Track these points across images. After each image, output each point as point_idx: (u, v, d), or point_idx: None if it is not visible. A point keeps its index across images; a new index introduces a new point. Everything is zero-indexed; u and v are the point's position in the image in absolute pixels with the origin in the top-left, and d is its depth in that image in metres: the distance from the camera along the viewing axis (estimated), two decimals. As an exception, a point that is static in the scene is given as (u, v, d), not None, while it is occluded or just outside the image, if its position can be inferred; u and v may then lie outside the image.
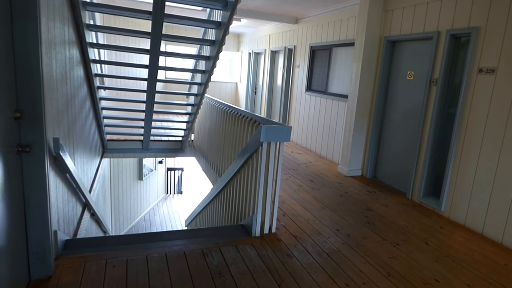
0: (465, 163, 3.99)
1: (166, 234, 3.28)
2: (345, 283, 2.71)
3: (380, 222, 3.92)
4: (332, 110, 6.66)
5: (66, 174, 2.96)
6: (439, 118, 4.37)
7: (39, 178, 2.23)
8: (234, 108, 4.53)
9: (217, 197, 4.84)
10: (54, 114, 2.63)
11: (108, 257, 2.78)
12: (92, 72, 4.32)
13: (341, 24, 6.37)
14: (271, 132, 3.14)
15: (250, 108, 10.96)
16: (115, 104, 6.35)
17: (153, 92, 4.70)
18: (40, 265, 2.39)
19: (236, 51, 12.16)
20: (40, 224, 2.30)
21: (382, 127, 5.47)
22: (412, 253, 3.26)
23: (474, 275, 2.96)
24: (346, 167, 5.71)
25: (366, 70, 5.40)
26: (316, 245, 3.28)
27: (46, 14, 2.40)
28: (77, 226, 3.50)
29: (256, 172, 3.31)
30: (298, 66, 7.97)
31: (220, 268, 2.76)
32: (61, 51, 2.94)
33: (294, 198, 4.50)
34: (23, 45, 2.08)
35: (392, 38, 5.11)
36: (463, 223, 4.01)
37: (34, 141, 2.18)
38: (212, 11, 4.52)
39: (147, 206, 11.12)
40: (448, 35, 4.17)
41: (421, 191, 4.57)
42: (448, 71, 4.26)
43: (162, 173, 12.56)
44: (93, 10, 3.90)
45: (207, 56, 4.62)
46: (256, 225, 3.34)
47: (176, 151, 6.98)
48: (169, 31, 10.47)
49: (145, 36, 3.94)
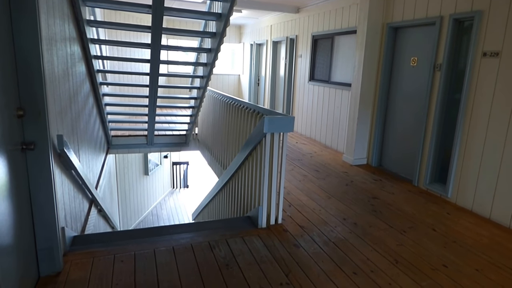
0: (471, 148, 3.96)
1: (173, 228, 3.29)
2: (353, 271, 2.71)
3: (386, 210, 3.91)
4: (335, 99, 6.63)
5: (71, 170, 2.97)
6: (444, 104, 4.33)
7: (44, 175, 2.24)
8: (237, 100, 4.52)
9: (223, 189, 4.85)
10: (57, 111, 2.63)
11: (116, 252, 2.80)
12: (94, 68, 4.32)
13: (342, 12, 6.30)
14: (274, 123, 3.13)
15: (253, 100, 10.93)
16: (118, 99, 6.37)
17: (155, 87, 4.69)
18: (49, 262, 2.41)
19: (238, 43, 12.10)
20: (47, 221, 2.32)
21: (386, 115, 5.43)
22: (420, 239, 3.26)
23: (483, 259, 2.95)
24: (351, 156, 5.69)
25: (369, 57, 5.35)
26: (322, 235, 3.29)
27: (46, 11, 2.39)
28: (85, 222, 3.52)
29: (261, 164, 3.30)
30: (300, 56, 7.92)
31: (227, 260, 2.77)
32: (62, 48, 2.93)
33: (299, 188, 4.50)
34: (23, 42, 2.07)
35: (394, 24, 5.05)
36: (470, 208, 3.99)
37: (38, 139, 2.18)
38: (212, 2, 4.48)
39: (154, 200, 11.18)
40: (451, 20, 4.11)
41: (427, 177, 4.55)
42: (452, 56, 4.21)
43: (167, 167, 12.60)
44: (92, 5, 3.89)
45: (209, 49, 4.60)
46: (262, 216, 3.34)
47: (180, 145, 6.99)
48: (169, 25, 10.44)
49: (146, 30, 3.92)
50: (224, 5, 3.98)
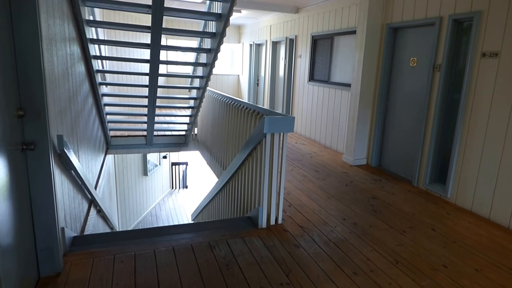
0: (471, 148, 3.97)
1: (173, 228, 3.29)
2: (353, 271, 2.71)
3: (386, 210, 3.92)
4: (335, 100, 6.63)
5: (71, 171, 2.96)
6: (443, 104, 4.34)
7: (44, 175, 2.24)
8: (237, 100, 4.52)
9: (223, 190, 4.85)
10: (57, 111, 2.63)
11: (116, 253, 2.79)
12: (93, 68, 4.32)
13: (342, 12, 6.31)
14: (274, 123, 3.13)
15: (252, 100, 10.93)
16: (117, 100, 6.36)
17: (155, 87, 4.69)
18: (49, 262, 2.41)
19: (237, 43, 12.10)
20: (47, 222, 2.31)
21: (386, 115, 5.44)
22: (420, 239, 3.26)
23: (482, 259, 2.96)
24: (351, 156, 5.70)
25: (368, 58, 5.35)
26: (323, 235, 3.29)
27: (46, 11, 2.38)
28: (84, 222, 3.52)
29: (261, 164, 3.30)
30: (300, 56, 7.92)
31: (227, 260, 2.77)
32: (62, 48, 2.93)
33: (299, 188, 4.50)
34: (24, 42, 2.07)
35: (394, 25, 5.06)
36: (469, 208, 4.00)
37: (38, 139, 2.18)
38: (212, 3, 4.48)
39: (153, 201, 11.17)
40: (450, 20, 4.12)
41: (427, 178, 4.55)
42: (451, 57, 4.21)
43: (166, 168, 12.59)
44: (92, 5, 3.88)
45: (208, 49, 4.60)
46: (262, 216, 3.34)
47: (180, 145, 6.98)
48: (169, 25, 10.43)
49: (145, 30, 3.92)
50: (224, 5, 3.98)
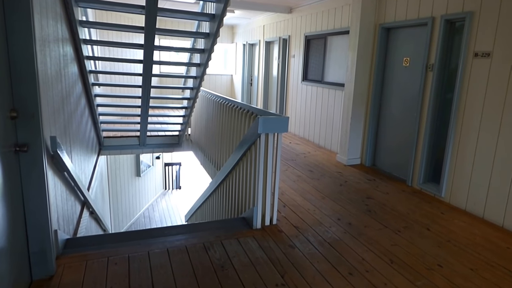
0: (464, 147, 4.00)
1: (167, 230, 3.27)
2: (348, 271, 2.71)
3: (381, 210, 3.93)
4: (329, 99, 6.64)
5: (64, 172, 2.93)
6: (436, 104, 4.36)
7: (37, 177, 2.21)
8: (230, 100, 4.50)
9: (217, 190, 4.83)
10: (50, 112, 2.60)
11: (110, 255, 2.77)
12: (86, 69, 4.28)
13: (335, 13, 6.32)
14: (268, 124, 3.12)
15: (246, 100, 10.92)
16: (110, 100, 6.32)
17: (148, 87, 4.66)
18: (42, 265, 2.38)
19: (231, 43, 12.08)
20: (40, 224, 2.28)
21: (379, 115, 5.46)
22: (414, 239, 3.27)
23: (477, 259, 2.97)
24: (345, 156, 5.71)
25: (362, 58, 5.37)
26: (317, 235, 3.29)
27: (39, 11, 2.36)
28: (77, 224, 3.48)
29: (255, 164, 3.30)
30: (293, 56, 7.93)
31: (222, 261, 2.76)
32: (55, 49, 2.90)
33: (294, 188, 4.50)
34: (17, 43, 2.04)
35: (386, 25, 5.08)
36: (463, 208, 4.02)
37: (31, 140, 2.15)
38: (205, 3, 4.47)
39: (146, 202, 11.11)
40: (442, 20, 4.15)
41: (421, 177, 4.58)
42: (444, 56, 4.24)
43: (159, 168, 12.53)
44: (85, 6, 3.85)
45: (202, 49, 4.58)
46: (257, 217, 3.33)
47: (173, 146, 6.95)
48: (161, 25, 10.37)
49: (139, 30, 3.90)
50: (217, 5, 3.97)
